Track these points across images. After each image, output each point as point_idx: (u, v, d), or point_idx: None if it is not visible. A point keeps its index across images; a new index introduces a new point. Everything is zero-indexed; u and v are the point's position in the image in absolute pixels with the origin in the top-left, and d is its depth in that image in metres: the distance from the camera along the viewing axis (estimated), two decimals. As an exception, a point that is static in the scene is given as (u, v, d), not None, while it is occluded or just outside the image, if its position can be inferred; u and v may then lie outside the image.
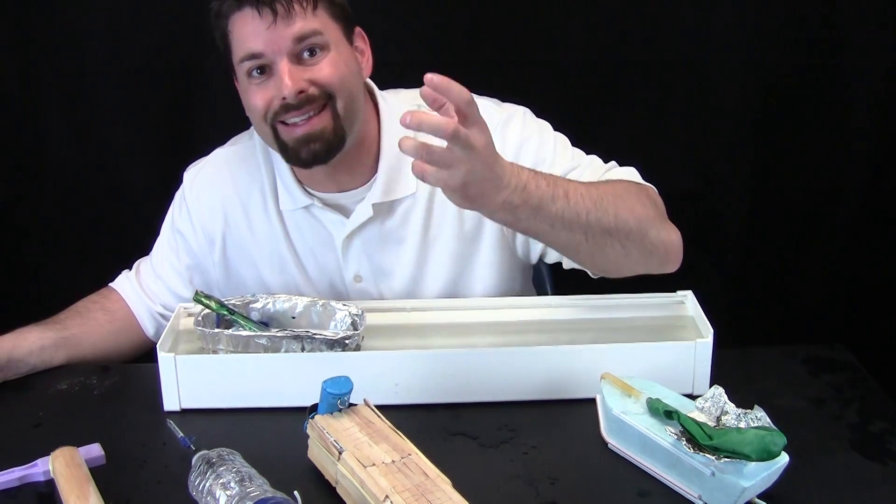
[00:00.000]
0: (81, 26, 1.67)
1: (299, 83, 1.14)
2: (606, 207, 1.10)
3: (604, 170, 1.27)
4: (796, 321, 1.90)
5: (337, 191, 1.27)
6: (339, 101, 1.17)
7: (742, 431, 0.91)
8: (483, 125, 0.97)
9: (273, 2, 1.12)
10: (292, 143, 1.18)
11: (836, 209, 1.85)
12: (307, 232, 1.30)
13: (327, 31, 1.16)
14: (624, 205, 1.13)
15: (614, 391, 1.03)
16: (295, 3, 1.13)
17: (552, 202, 1.05)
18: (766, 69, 1.75)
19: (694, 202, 1.87)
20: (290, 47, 1.14)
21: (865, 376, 1.18)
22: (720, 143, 1.82)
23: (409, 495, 0.86)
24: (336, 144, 1.18)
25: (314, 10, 1.15)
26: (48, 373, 1.23)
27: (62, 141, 1.76)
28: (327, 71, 1.16)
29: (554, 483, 0.98)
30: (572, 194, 1.07)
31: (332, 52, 1.17)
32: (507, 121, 1.27)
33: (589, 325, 1.23)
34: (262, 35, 1.13)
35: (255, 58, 1.15)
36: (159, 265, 1.37)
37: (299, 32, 1.14)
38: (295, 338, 1.12)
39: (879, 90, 1.76)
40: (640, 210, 1.16)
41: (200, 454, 0.96)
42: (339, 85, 1.17)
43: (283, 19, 1.13)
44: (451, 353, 1.12)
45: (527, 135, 1.26)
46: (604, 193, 1.11)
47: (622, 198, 1.14)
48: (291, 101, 1.14)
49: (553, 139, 1.28)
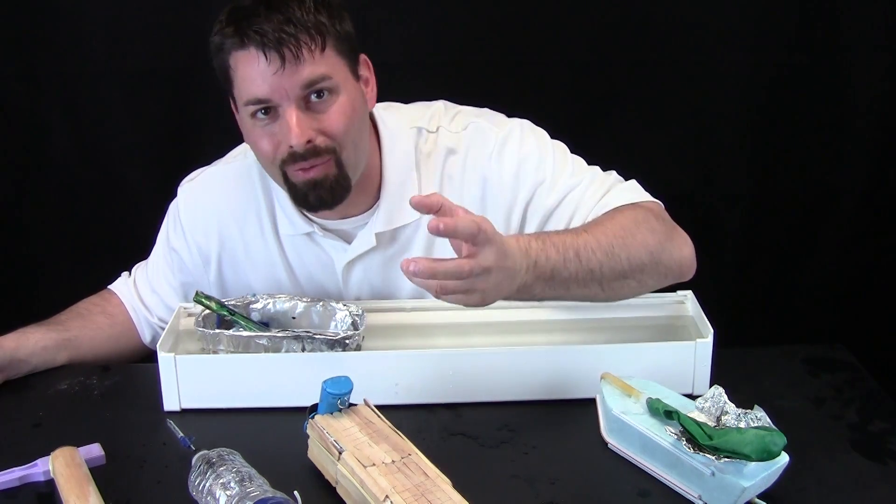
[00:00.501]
0: (81, 26, 1.67)
1: (308, 133, 1.11)
2: (618, 254, 1.11)
3: (605, 188, 1.25)
4: (796, 321, 1.90)
5: (339, 217, 1.25)
6: (345, 152, 1.15)
7: (742, 431, 0.91)
8: (492, 238, 0.96)
9: (281, 46, 1.07)
10: (301, 185, 1.15)
11: (836, 209, 1.85)
12: (306, 256, 1.28)
13: (335, 72, 1.12)
14: (634, 242, 1.13)
15: (614, 391, 1.03)
16: (303, 48, 1.08)
17: (564, 268, 1.07)
18: (766, 69, 1.75)
19: (694, 202, 1.87)
20: (297, 93, 1.10)
21: (865, 376, 1.18)
22: (720, 144, 1.82)
23: (409, 495, 0.86)
24: (341, 192, 1.17)
25: (322, 51, 1.10)
26: (48, 373, 1.23)
27: (62, 141, 1.76)
28: (335, 120, 1.13)
29: (554, 483, 0.98)
30: (583, 252, 1.08)
31: (341, 95, 1.13)
32: (504, 141, 1.25)
33: (589, 325, 1.23)
34: (268, 80, 1.09)
35: (261, 102, 1.11)
36: (155, 279, 1.36)
37: (308, 79, 1.10)
38: (295, 338, 1.12)
39: (879, 90, 1.76)
40: (651, 240, 1.16)
41: (200, 454, 0.96)
42: (345, 135, 1.14)
43: (290, 64, 1.08)
44: (451, 353, 1.12)
45: (524, 154, 1.25)
46: (613, 238, 1.12)
47: (631, 234, 1.14)
48: (300, 150, 1.12)
49: (552, 154, 1.26)
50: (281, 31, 1.07)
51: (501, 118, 1.30)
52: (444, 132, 1.26)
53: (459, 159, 1.25)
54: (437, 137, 1.26)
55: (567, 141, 1.86)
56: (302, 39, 1.08)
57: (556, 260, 1.06)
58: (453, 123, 1.27)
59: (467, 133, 1.26)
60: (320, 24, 1.10)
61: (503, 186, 1.24)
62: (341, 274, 1.27)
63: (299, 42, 1.08)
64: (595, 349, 1.13)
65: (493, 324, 1.24)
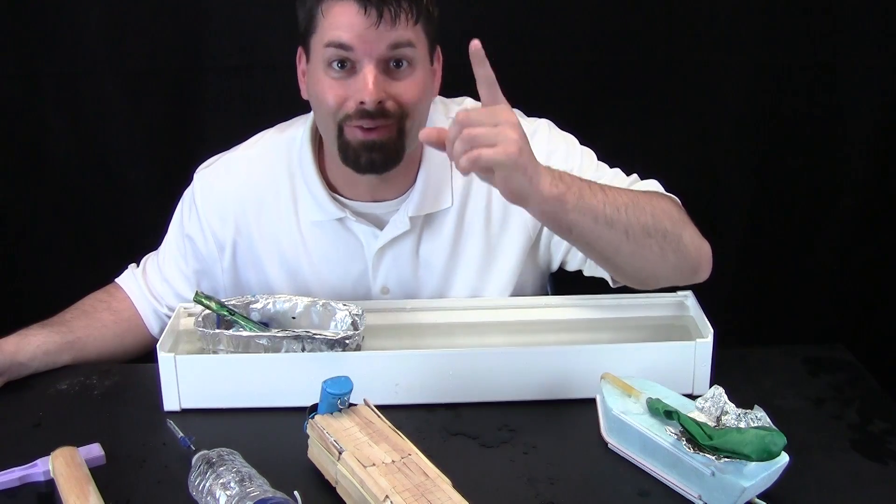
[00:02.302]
0: (81, 26, 1.67)
1: (381, 93, 1.12)
2: (643, 206, 1.11)
3: (627, 183, 1.27)
4: (796, 321, 1.89)
5: (371, 200, 1.25)
6: (409, 121, 1.16)
7: (742, 431, 0.91)
8: (505, 105, 1.00)
9: (383, 5, 1.09)
10: (356, 144, 1.15)
11: (836, 209, 1.85)
12: (333, 243, 1.27)
13: (419, 45, 1.15)
14: (658, 206, 1.14)
15: (614, 391, 1.03)
16: (403, 12, 1.11)
17: (591, 194, 1.06)
18: (767, 69, 1.75)
19: (694, 202, 1.86)
20: (382, 52, 1.12)
21: (865, 376, 1.19)
22: (720, 144, 1.82)
23: (409, 495, 0.86)
24: (395, 158, 1.17)
25: (416, 22, 1.13)
26: (48, 373, 1.23)
27: (62, 141, 1.76)
28: (409, 90, 1.14)
29: (554, 483, 0.98)
30: (608, 190, 1.09)
31: (418, 69, 1.15)
32: (534, 133, 1.26)
33: (589, 325, 1.23)
34: (358, 31, 1.10)
35: (343, 49, 1.12)
36: (166, 267, 1.35)
37: (397, 40, 1.12)
38: (295, 338, 1.12)
39: (879, 90, 1.76)
40: (675, 212, 1.17)
41: (200, 454, 0.96)
42: (415, 107, 1.16)
43: (385, 23, 1.10)
44: (451, 353, 1.12)
45: (553, 146, 1.26)
46: (638, 196, 1.13)
47: (654, 200, 1.15)
48: (370, 107, 1.12)
49: (580, 152, 1.29)
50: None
51: (531, 118, 1.31)
52: None
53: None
54: None
55: (567, 141, 1.85)
56: (403, 5, 1.11)
57: (582, 184, 1.06)
58: None
59: None
60: (420, 3, 1.13)
61: None
62: (371, 260, 1.26)
63: (401, 5, 1.11)
64: (595, 349, 1.13)
65: (493, 324, 1.24)
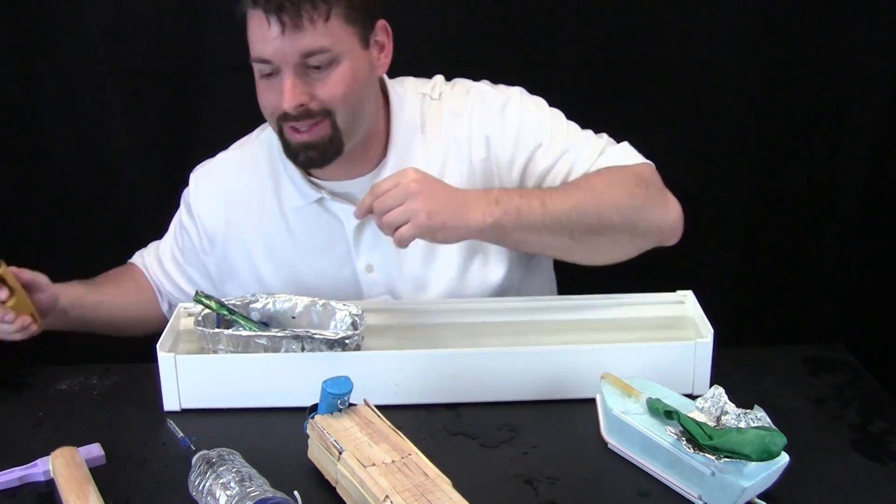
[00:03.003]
0: (81, 26, 1.67)
1: (300, 97, 1.15)
2: (587, 210, 1.17)
3: (598, 150, 1.29)
4: (796, 321, 1.89)
5: (346, 178, 1.28)
6: (340, 116, 1.18)
7: (742, 431, 0.91)
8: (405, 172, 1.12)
9: (281, 13, 1.10)
10: (294, 144, 1.19)
11: (836, 209, 1.85)
12: (316, 227, 1.30)
13: (338, 42, 1.14)
14: (605, 201, 1.18)
15: (614, 391, 1.03)
16: (304, 17, 1.11)
17: (529, 210, 1.14)
18: (767, 69, 1.75)
19: (694, 202, 1.86)
20: (296, 60, 1.13)
21: (865, 376, 1.19)
22: (720, 143, 1.82)
23: (409, 495, 0.86)
24: (332, 153, 1.20)
25: (326, 21, 1.13)
26: (48, 373, 1.23)
27: (62, 141, 1.75)
28: (331, 89, 1.16)
29: (554, 483, 0.98)
30: (548, 201, 1.16)
31: (342, 64, 1.16)
32: (505, 104, 1.29)
33: (589, 325, 1.23)
34: (270, 43, 1.12)
35: (263, 62, 1.15)
36: (166, 259, 1.41)
37: (306, 49, 1.12)
38: (295, 338, 1.12)
39: (879, 90, 1.76)
40: (625, 201, 1.20)
41: (200, 454, 0.96)
42: (340, 102, 1.17)
43: (290, 31, 1.11)
44: (451, 353, 1.12)
45: (525, 116, 1.29)
46: (583, 196, 1.18)
47: (603, 193, 1.19)
48: (291, 113, 1.15)
49: (550, 117, 1.31)
50: (278, 3, 1.10)
51: (500, 86, 1.33)
52: (447, 97, 1.31)
53: (464, 121, 1.29)
54: (441, 103, 1.30)
55: (567, 141, 1.85)
56: (303, 9, 1.11)
57: (520, 202, 1.14)
58: (455, 89, 1.32)
59: (470, 96, 1.30)
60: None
61: (505, 145, 1.28)
62: (352, 238, 1.28)
63: (300, 11, 1.11)
64: (595, 349, 1.13)
65: (493, 324, 1.24)
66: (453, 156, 1.28)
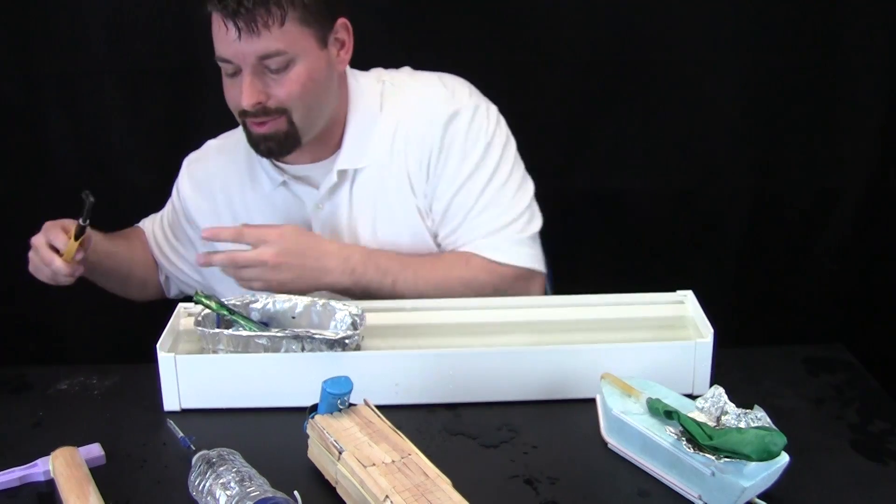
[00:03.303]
0: (81, 26, 1.67)
1: (257, 96, 1.21)
2: (425, 296, 1.27)
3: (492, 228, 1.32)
4: (796, 321, 1.89)
5: (308, 162, 1.34)
6: (295, 114, 1.24)
7: (742, 431, 0.91)
8: (269, 240, 1.22)
9: (237, 18, 1.16)
10: (255, 135, 1.26)
11: (836, 209, 1.85)
12: (282, 207, 1.37)
13: (294, 44, 1.20)
14: (453, 296, 1.28)
15: (614, 391, 1.03)
16: (259, 22, 1.16)
17: (379, 288, 1.27)
18: (767, 69, 1.75)
19: (694, 202, 1.87)
20: (254, 61, 1.19)
21: (865, 376, 1.19)
22: (720, 143, 1.82)
23: (409, 495, 0.86)
24: (290, 146, 1.27)
25: (281, 25, 1.18)
26: (48, 373, 1.23)
27: (62, 141, 1.76)
28: (287, 88, 1.22)
29: (554, 483, 0.98)
30: (399, 284, 1.28)
31: (299, 65, 1.21)
32: (453, 117, 1.31)
33: (589, 325, 1.23)
34: (230, 44, 1.18)
35: (225, 61, 1.21)
36: (159, 235, 1.50)
37: (262, 52, 1.18)
38: (295, 338, 1.12)
39: (879, 90, 1.76)
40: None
41: (200, 454, 0.96)
42: (296, 101, 1.23)
43: (246, 35, 1.17)
44: (451, 353, 1.12)
45: (460, 140, 1.31)
46: (435, 286, 1.28)
47: (455, 290, 1.29)
48: (249, 110, 1.22)
49: (489, 163, 1.32)
50: (240, 3, 1.16)
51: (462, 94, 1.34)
52: (405, 86, 1.35)
53: (411, 117, 1.32)
54: (400, 91, 1.35)
55: (567, 140, 1.87)
56: (259, 14, 1.16)
57: (372, 277, 1.27)
58: (414, 81, 1.36)
59: (424, 93, 1.34)
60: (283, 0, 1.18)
61: (432, 159, 1.32)
62: (312, 214, 1.35)
63: (255, 16, 1.16)
64: (595, 349, 1.13)
65: (492, 324, 1.24)
66: (402, 146, 1.32)
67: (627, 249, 1.89)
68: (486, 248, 1.32)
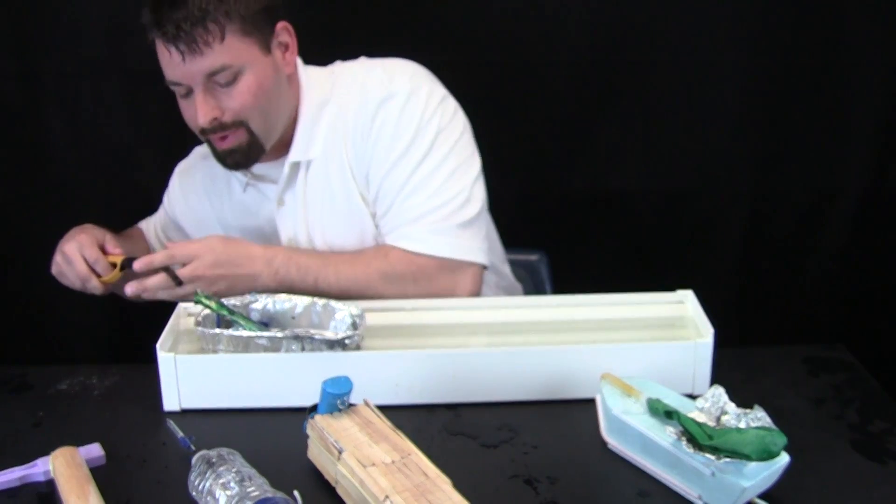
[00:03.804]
0: (81, 26, 1.67)
1: (212, 112, 1.24)
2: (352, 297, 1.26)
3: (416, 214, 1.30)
4: (796, 321, 1.90)
5: (270, 160, 1.35)
6: (253, 123, 1.26)
7: (742, 431, 0.91)
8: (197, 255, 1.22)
9: (178, 42, 1.18)
10: (219, 151, 1.29)
11: (836, 209, 1.85)
12: (253, 206, 1.40)
13: (238, 57, 1.22)
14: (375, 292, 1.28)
15: (614, 391, 1.03)
16: (199, 42, 1.18)
17: (302, 285, 1.27)
18: (766, 69, 1.75)
19: (694, 202, 1.87)
20: (202, 80, 1.22)
21: (865, 376, 1.19)
22: (720, 143, 1.82)
23: (409, 495, 0.86)
24: (255, 154, 1.30)
25: (222, 40, 1.20)
26: (48, 373, 1.23)
27: (62, 141, 1.76)
28: (239, 99, 1.24)
29: (554, 483, 0.98)
30: (321, 282, 1.28)
31: (247, 76, 1.23)
32: (385, 100, 1.31)
33: (589, 325, 1.23)
34: (176, 67, 1.21)
35: (175, 84, 1.24)
36: (151, 236, 1.53)
37: (208, 69, 1.21)
38: (295, 338, 1.12)
39: (879, 90, 1.76)
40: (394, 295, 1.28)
41: (200, 454, 0.96)
42: (251, 110, 1.25)
43: (190, 56, 1.19)
44: (451, 353, 1.12)
45: (391, 122, 1.30)
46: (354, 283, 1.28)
47: (375, 287, 1.28)
48: (207, 127, 1.25)
49: (421, 146, 1.30)
50: (178, 27, 1.18)
51: (404, 77, 1.33)
52: (349, 74, 1.35)
53: (351, 103, 1.32)
54: (345, 80, 1.35)
55: (567, 140, 1.87)
56: (197, 34, 1.18)
57: (295, 277, 1.27)
58: (356, 68, 1.37)
59: (360, 79, 1.34)
60: (220, 13, 1.19)
61: (366, 143, 1.31)
62: (276, 208, 1.37)
63: (195, 37, 1.18)
64: (595, 349, 1.13)
65: (493, 324, 1.24)
66: (341, 133, 1.33)
67: (627, 249, 1.90)
68: (403, 238, 1.30)
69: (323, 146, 1.33)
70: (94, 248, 1.27)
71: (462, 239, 1.30)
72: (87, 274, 1.26)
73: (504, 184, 1.38)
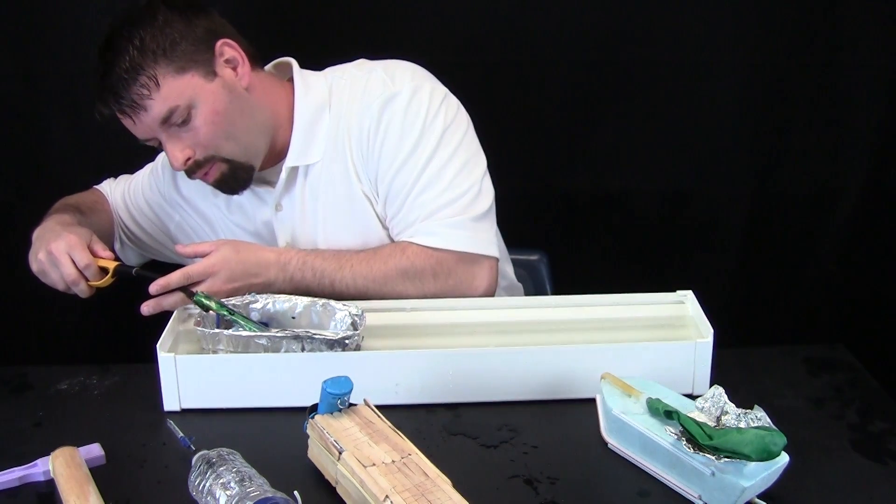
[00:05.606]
0: (81, 26, 1.67)
1: (184, 154, 1.25)
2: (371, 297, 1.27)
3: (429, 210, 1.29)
4: (796, 321, 1.90)
5: (274, 164, 1.36)
6: (224, 151, 1.27)
7: (742, 431, 0.91)
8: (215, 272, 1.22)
9: (122, 108, 1.21)
10: (212, 183, 1.31)
11: (836, 209, 1.85)
12: (249, 210, 1.39)
13: (182, 94, 1.22)
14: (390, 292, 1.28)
15: (614, 391, 1.03)
16: (137, 99, 1.20)
17: (318, 288, 1.27)
18: (766, 69, 1.75)
19: (694, 202, 1.87)
20: (161, 130, 1.23)
21: (865, 376, 1.19)
22: (720, 143, 1.82)
23: (409, 495, 0.86)
24: (245, 178, 1.31)
25: (158, 87, 1.20)
26: (48, 373, 1.23)
27: (62, 141, 1.76)
28: (201, 133, 1.24)
29: (554, 483, 0.98)
30: (338, 285, 1.27)
31: (199, 108, 1.23)
32: (389, 100, 1.30)
33: (589, 325, 1.23)
34: (136, 128, 1.24)
35: (145, 142, 1.27)
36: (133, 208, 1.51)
37: (158, 118, 1.22)
38: (295, 338, 1.12)
39: (879, 90, 1.76)
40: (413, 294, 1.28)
41: (200, 454, 0.96)
42: (216, 140, 1.25)
43: (137, 114, 1.21)
44: (451, 353, 1.12)
45: (397, 121, 1.29)
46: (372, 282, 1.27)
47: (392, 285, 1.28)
48: (186, 170, 1.27)
49: (429, 143, 1.30)
50: (116, 94, 1.20)
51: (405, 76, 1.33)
52: (350, 78, 1.34)
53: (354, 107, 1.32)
54: (345, 83, 1.34)
55: (567, 141, 1.87)
56: (132, 93, 1.20)
57: (310, 281, 1.27)
58: (358, 71, 1.35)
59: (362, 82, 1.33)
60: (146, 64, 1.20)
61: (371, 145, 1.30)
62: (272, 214, 1.37)
63: (131, 97, 1.20)
64: (595, 349, 1.13)
65: (493, 324, 1.24)
66: (345, 136, 1.32)
67: (627, 249, 1.90)
68: (420, 233, 1.29)
69: (323, 150, 1.33)
70: (85, 252, 1.23)
71: (478, 232, 1.30)
72: (75, 278, 1.23)
73: (504, 184, 1.38)
